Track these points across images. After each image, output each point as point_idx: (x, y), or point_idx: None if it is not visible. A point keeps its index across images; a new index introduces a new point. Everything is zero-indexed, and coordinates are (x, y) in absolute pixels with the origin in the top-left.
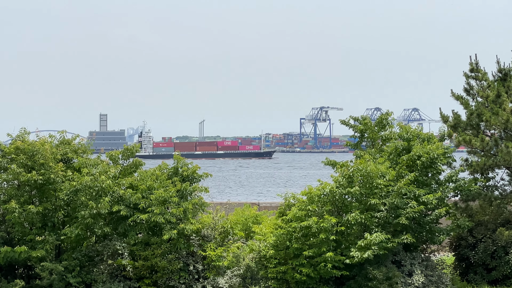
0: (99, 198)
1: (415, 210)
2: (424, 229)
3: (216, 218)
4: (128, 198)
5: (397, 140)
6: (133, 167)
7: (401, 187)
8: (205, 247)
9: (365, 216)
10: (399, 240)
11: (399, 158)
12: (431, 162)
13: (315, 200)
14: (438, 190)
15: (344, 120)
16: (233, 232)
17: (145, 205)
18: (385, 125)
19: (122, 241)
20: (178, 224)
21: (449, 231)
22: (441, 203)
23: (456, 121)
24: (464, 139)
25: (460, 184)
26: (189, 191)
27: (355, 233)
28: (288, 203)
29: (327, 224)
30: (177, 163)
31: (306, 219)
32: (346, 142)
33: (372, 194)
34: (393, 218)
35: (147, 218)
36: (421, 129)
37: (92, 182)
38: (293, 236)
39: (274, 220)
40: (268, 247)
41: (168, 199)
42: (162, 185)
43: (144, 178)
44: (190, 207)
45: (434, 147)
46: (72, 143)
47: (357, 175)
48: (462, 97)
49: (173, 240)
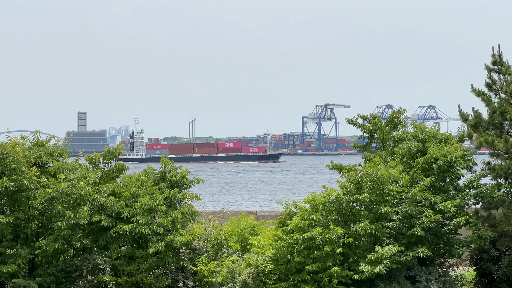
0: (78, 207)
1: (431, 219)
2: (441, 241)
3: (209, 229)
4: (110, 206)
5: (410, 141)
6: (115, 172)
7: (416, 194)
8: (196, 261)
9: (376, 227)
10: (414, 253)
11: (413, 161)
12: (449, 165)
13: (319, 208)
14: (457, 197)
15: (352, 119)
16: (228, 244)
17: (129, 215)
18: (398, 124)
19: (103, 255)
20: (166, 235)
21: (469, 242)
22: (461, 212)
23: (477, 120)
24: (486, 140)
25: (481, 191)
26: (178, 198)
27: (364, 246)
28: (289, 212)
29: (333, 235)
30: (164, 167)
31: (310, 229)
32: (354, 144)
33: (383, 201)
34: (406, 228)
35: (131, 229)
36: (437, 128)
37: (69, 189)
38: (294, 248)
39: (274, 231)
40: (267, 261)
41: (155, 207)
42: (148, 192)
43: (127, 184)
44: (179, 217)
45: (452, 149)
46: (47, 145)
47: (366, 181)
48: (484, 93)
49: (161, 253)
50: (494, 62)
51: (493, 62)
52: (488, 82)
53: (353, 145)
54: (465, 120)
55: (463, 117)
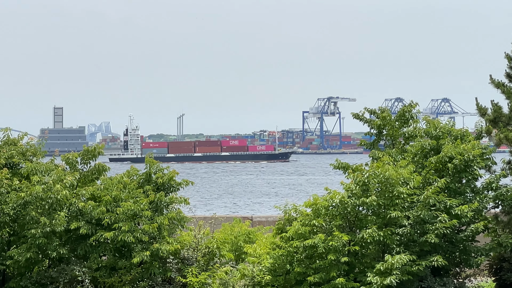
0: (54, 213)
1: (446, 225)
2: (457, 249)
3: (199, 236)
4: (89, 212)
5: (423, 138)
6: (95, 173)
7: (429, 197)
8: (185, 272)
9: (384, 233)
10: (427, 262)
11: (425, 161)
12: (466, 165)
13: (321, 213)
14: (475, 200)
15: (358, 114)
16: (220, 253)
17: (111, 221)
18: (409, 119)
19: (82, 265)
20: (151, 243)
21: (488, 250)
22: (478, 216)
23: (497, 114)
24: (506, 136)
25: (501, 193)
26: (165, 202)
27: (371, 254)
28: (289, 217)
29: (337, 242)
30: (149, 167)
31: (311, 236)
32: (360, 141)
33: (392, 205)
34: (418, 235)
35: (112, 236)
36: (453, 124)
37: (44, 192)
38: (294, 257)
39: (271, 238)
40: (264, 271)
41: (139, 212)
42: (132, 196)
43: (108, 187)
44: (166, 223)
45: (469, 146)
46: (19, 144)
47: (374, 182)
48: (504, 84)
49: (146, 263)
50: None
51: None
52: (509, 72)
53: (359, 142)
54: (483, 115)
55: (481, 111)
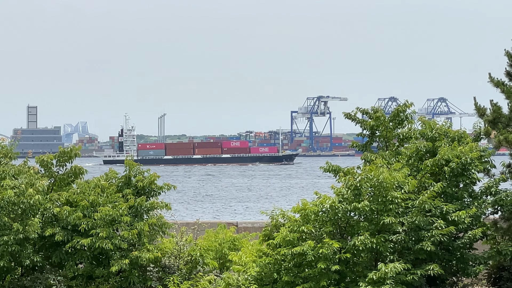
0: (27, 219)
1: (442, 231)
2: (454, 257)
3: (181, 243)
4: (64, 217)
5: (418, 140)
6: (71, 176)
7: (424, 202)
8: (166, 281)
9: (377, 240)
10: (423, 271)
11: (421, 164)
12: (463, 168)
13: (311, 218)
14: (473, 206)
15: (349, 113)
16: (204, 261)
17: (88, 227)
18: (403, 120)
19: (57, 274)
20: (130, 251)
21: (486, 259)
22: (477, 223)
23: (496, 115)
24: (506, 138)
25: (501, 198)
26: (146, 207)
27: (363, 262)
28: (276, 223)
29: (327, 250)
30: (129, 170)
31: (300, 243)
32: (352, 143)
33: (386, 210)
34: (413, 242)
35: (90, 243)
36: (450, 125)
37: (16, 197)
38: (282, 266)
39: (257, 245)
40: (250, 280)
41: (118, 218)
42: (110, 200)
43: (85, 191)
44: (147, 229)
45: (467, 149)
46: None
47: (366, 186)
48: (504, 83)
49: (125, 272)
50: None
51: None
52: (509, 71)
53: (350, 144)
54: (481, 115)
55: (480, 112)
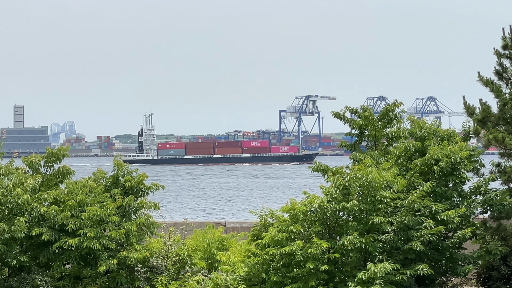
0: (13, 218)
1: (431, 231)
2: (443, 256)
3: (169, 243)
4: (52, 217)
5: (407, 139)
6: (59, 177)
7: (413, 201)
8: (154, 282)
9: (366, 240)
10: (412, 271)
11: (410, 163)
12: (453, 168)
13: (299, 218)
14: (462, 205)
15: (338, 113)
16: (192, 261)
17: (75, 227)
18: (392, 119)
19: (44, 274)
20: (118, 251)
21: (476, 258)
22: (466, 222)
23: (485, 114)
24: (495, 137)
25: (490, 197)
26: (134, 207)
27: (352, 262)
28: (265, 223)
29: (316, 250)
30: (117, 170)
31: (289, 243)
32: (341, 142)
33: (374, 210)
34: (402, 242)
35: (77, 243)
36: (439, 124)
37: (3, 197)
38: (271, 266)
39: (246, 245)
40: (238, 280)
41: (106, 218)
42: (98, 200)
43: (73, 190)
44: (135, 229)
45: (456, 148)
46: None
47: (355, 186)
48: (493, 82)
49: (112, 272)
50: (505, 45)
51: (503, 46)
52: (498, 70)
53: (339, 143)
54: (471, 114)
55: (469, 111)
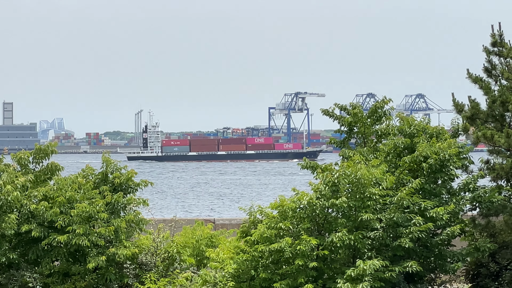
0: (3, 215)
1: (420, 228)
2: (432, 253)
3: (158, 240)
4: (41, 214)
5: (396, 136)
6: (48, 173)
7: (402, 198)
8: (143, 278)
9: (355, 237)
10: (401, 268)
11: (399, 160)
12: (442, 165)
13: (288, 215)
14: (451, 202)
15: (327, 110)
16: (181, 258)
17: (64, 223)
18: (381, 116)
19: (33, 271)
20: (107, 248)
21: (465, 255)
22: (455, 219)
23: (474, 111)
24: (484, 134)
25: (479, 194)
26: (123, 204)
27: (341, 259)
28: (254, 220)
29: (305, 247)
30: (106, 167)
31: (277, 240)
32: (330, 139)
33: (363, 207)
34: (391, 239)
35: (66, 240)
36: (428, 121)
37: None
38: (259, 263)
39: (235, 242)
40: (227, 277)
41: (95, 214)
42: (87, 197)
43: (62, 187)
44: (124, 226)
45: (445, 145)
46: None
47: (344, 182)
48: (482, 79)
49: (101, 269)
50: (494, 43)
51: (492, 43)
52: (487, 67)
53: (328, 140)
54: (460, 111)
55: (458, 108)
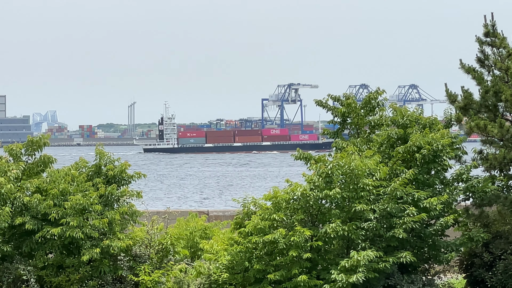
0: None
1: (414, 219)
2: (426, 244)
3: (152, 232)
4: (35, 206)
5: (390, 127)
6: (41, 165)
7: (396, 189)
8: (137, 270)
9: (349, 227)
10: (395, 258)
11: (392, 151)
12: (435, 155)
13: (282, 206)
14: (444, 192)
15: (320, 101)
16: (175, 250)
17: (58, 216)
18: (374, 107)
19: (27, 264)
20: (101, 240)
21: (458, 246)
22: (448, 209)
23: (467, 101)
24: (477, 124)
25: (472, 184)
26: (116, 196)
27: (335, 250)
28: (247, 211)
29: (299, 238)
30: (99, 159)
31: (271, 231)
32: (323, 130)
33: (357, 198)
34: (385, 229)
35: (60, 232)
36: (421, 112)
37: None
38: (253, 254)
39: (229, 233)
40: (221, 269)
41: (88, 207)
42: (80, 189)
43: (56, 179)
44: (118, 218)
45: (438, 135)
46: None
47: (338, 173)
48: (475, 70)
49: (95, 261)
50: (487, 33)
51: (485, 33)
52: (480, 57)
53: (322, 131)
54: (453, 102)
55: (451, 98)
